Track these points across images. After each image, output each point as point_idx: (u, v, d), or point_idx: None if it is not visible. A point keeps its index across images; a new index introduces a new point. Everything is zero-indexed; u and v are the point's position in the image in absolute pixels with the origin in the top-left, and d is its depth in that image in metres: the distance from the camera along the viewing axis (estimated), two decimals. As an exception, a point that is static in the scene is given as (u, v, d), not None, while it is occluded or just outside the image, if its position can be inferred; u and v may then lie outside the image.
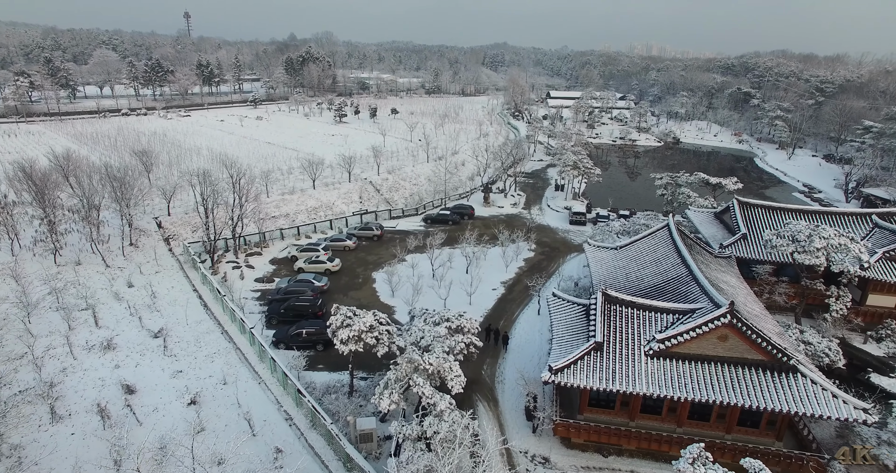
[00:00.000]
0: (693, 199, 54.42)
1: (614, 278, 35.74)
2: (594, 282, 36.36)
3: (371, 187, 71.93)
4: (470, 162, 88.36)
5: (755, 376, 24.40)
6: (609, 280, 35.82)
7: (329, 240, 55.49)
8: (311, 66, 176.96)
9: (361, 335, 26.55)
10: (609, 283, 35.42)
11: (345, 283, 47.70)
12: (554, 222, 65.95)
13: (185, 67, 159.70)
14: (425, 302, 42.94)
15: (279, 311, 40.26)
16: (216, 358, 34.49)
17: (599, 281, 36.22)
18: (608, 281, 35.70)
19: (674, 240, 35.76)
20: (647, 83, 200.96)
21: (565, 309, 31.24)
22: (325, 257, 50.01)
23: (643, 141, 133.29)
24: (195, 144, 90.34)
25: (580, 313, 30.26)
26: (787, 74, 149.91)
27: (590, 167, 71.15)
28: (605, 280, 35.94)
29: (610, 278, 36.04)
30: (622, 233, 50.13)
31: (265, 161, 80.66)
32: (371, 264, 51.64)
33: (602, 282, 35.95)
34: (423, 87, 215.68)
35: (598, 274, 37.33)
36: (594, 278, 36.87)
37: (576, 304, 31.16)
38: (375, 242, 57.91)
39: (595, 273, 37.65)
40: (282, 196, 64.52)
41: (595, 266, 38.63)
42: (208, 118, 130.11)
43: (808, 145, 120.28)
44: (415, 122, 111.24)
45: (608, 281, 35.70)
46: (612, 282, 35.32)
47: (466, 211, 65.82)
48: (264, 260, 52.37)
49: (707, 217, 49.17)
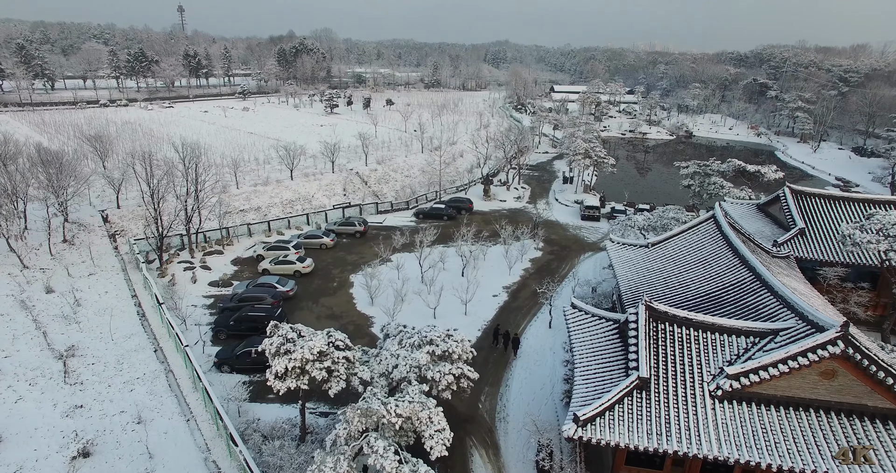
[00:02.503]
0: (727, 189, 46.57)
1: (648, 284, 27.96)
2: (622, 288, 28.59)
3: (357, 179, 64.22)
4: (469, 153, 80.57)
5: (880, 432, 16.60)
6: (641, 286, 28.05)
7: (303, 237, 47.82)
8: (305, 57, 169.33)
9: (306, 365, 18.81)
10: (642, 289, 27.63)
11: (317, 287, 40.01)
12: (563, 217, 58.15)
13: (171, 57, 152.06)
14: (411, 312, 35.27)
15: (228, 323, 32.60)
16: (138, 386, 26.79)
17: (629, 288, 28.42)
18: (641, 287, 27.92)
19: (725, 235, 27.97)
20: (655, 77, 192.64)
21: (590, 326, 23.46)
22: (294, 257, 42.35)
23: (654, 134, 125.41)
24: (168, 134, 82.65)
25: (611, 332, 22.49)
26: (806, 63, 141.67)
27: (603, 157, 63.38)
28: (637, 286, 28.16)
29: (642, 284, 28.27)
30: (647, 229, 42.36)
31: (242, 151, 73.01)
32: (350, 265, 43.94)
33: (633, 288, 28.16)
34: (422, 81, 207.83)
35: (627, 278, 29.54)
36: (622, 284, 29.10)
37: (604, 319, 23.38)
38: (358, 239, 50.24)
39: (622, 277, 29.86)
40: (254, 187, 56.83)
41: (621, 268, 30.85)
42: (192, 110, 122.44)
43: (832, 138, 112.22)
44: (410, 111, 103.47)
45: (641, 287, 27.92)
46: (647, 288, 27.54)
47: (464, 205, 58.08)
48: (225, 260, 44.69)
49: (748, 210, 41.33)
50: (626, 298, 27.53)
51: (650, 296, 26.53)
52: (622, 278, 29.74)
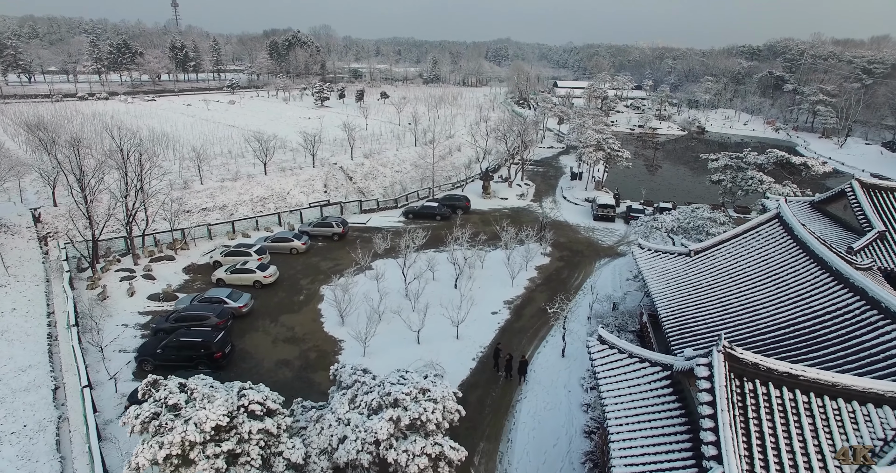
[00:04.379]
0: (767, 184, 39.52)
1: (697, 306, 20.96)
2: (661, 311, 21.60)
3: (341, 174, 57.27)
4: (468, 147, 73.63)
5: None
6: (688, 308, 21.06)
7: (270, 240, 40.90)
8: (298, 51, 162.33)
9: (190, 452, 11.83)
10: (689, 313, 20.66)
11: (279, 302, 33.09)
12: (573, 216, 51.14)
13: (157, 49, 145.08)
14: (389, 335, 28.38)
15: (155, 351, 25.68)
16: (6, 446, 19.87)
17: (670, 310, 21.41)
18: (687, 310, 20.93)
19: (802, 241, 20.95)
20: (663, 72, 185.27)
21: (627, 371, 16.49)
22: (255, 264, 35.43)
23: (664, 130, 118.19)
24: (139, 126, 75.78)
25: (658, 383, 15.51)
26: (825, 55, 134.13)
27: (616, 149, 56.34)
28: (682, 308, 21.17)
29: (688, 305, 21.28)
30: (676, 231, 35.35)
31: (213, 143, 66.26)
32: (323, 274, 37.00)
33: (675, 311, 21.16)
34: (420, 76, 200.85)
35: (665, 296, 22.55)
36: (659, 304, 22.11)
37: (647, 362, 16.39)
38: (336, 242, 43.32)
39: (659, 294, 22.88)
40: (221, 183, 49.90)
41: (657, 283, 23.85)
42: (175, 103, 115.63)
43: (857, 133, 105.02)
44: (405, 104, 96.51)
45: (687, 310, 20.93)
46: (695, 312, 20.55)
47: (460, 203, 51.10)
48: (176, 267, 37.77)
49: (799, 209, 34.25)
50: (667, 324, 20.54)
51: (705, 324, 19.52)
52: (659, 296, 22.75)
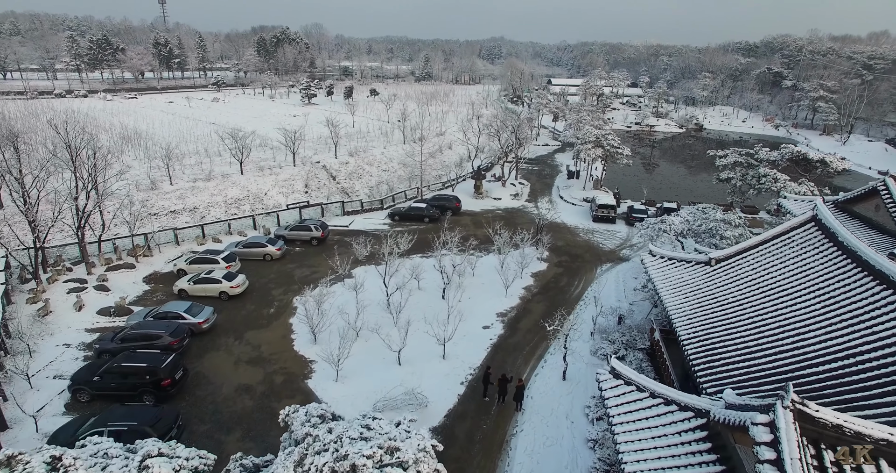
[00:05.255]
0: (783, 183, 36.43)
1: (726, 328, 17.72)
2: (682, 332, 18.35)
3: (324, 173, 53.75)
4: (459, 145, 70.31)
5: None
6: (713, 332, 17.81)
7: (242, 245, 37.39)
8: (286, 47, 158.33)
9: None
10: (715, 337, 17.42)
11: (246, 315, 29.63)
12: (571, 218, 47.91)
13: (140, 46, 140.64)
14: (366, 355, 25.05)
15: (92, 378, 22.15)
16: None
17: (693, 332, 18.18)
18: (712, 333, 17.68)
19: (851, 250, 17.74)
20: (658, 69, 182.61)
21: (647, 415, 13.20)
22: (222, 273, 31.94)
23: (662, 127, 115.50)
24: (113, 123, 71.96)
25: (692, 434, 12.21)
26: (823, 51, 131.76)
27: (616, 146, 53.16)
28: (706, 331, 17.92)
29: (713, 326, 18.04)
30: (686, 234, 32.17)
31: (194, 142, 62.58)
32: (298, 283, 33.55)
33: (699, 335, 17.92)
34: (412, 74, 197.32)
35: (684, 313, 19.32)
36: (679, 324, 18.86)
37: (674, 405, 13.10)
38: (315, 246, 39.93)
39: (676, 310, 19.64)
40: (192, 183, 46.27)
41: (673, 297, 20.61)
42: (157, 101, 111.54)
43: (858, 130, 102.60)
44: (394, 100, 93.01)
45: (712, 333, 17.68)
46: (724, 337, 17.31)
47: (450, 204, 47.75)
48: (136, 277, 34.22)
49: (822, 209, 31.14)
50: (692, 350, 17.26)
51: (738, 351, 16.26)
52: (677, 314, 19.51)
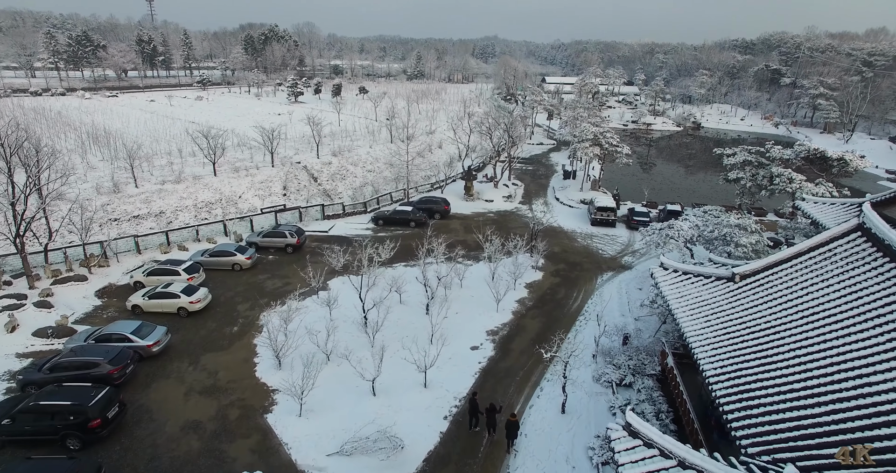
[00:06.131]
0: (799, 183, 33.41)
1: (762, 364, 14.57)
2: (707, 369, 15.19)
3: (304, 174, 50.37)
4: (450, 144, 67.04)
5: None
6: (747, 369, 14.66)
7: (207, 254, 33.99)
8: (275, 45, 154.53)
9: None
10: (749, 376, 14.28)
11: (206, 335, 26.27)
12: (568, 221, 44.77)
13: (123, 43, 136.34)
14: (336, 383, 21.83)
15: (1, 421, 18.70)
16: None
17: (721, 369, 15.05)
18: (745, 370, 14.53)
19: (908, 266, 14.66)
20: (654, 67, 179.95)
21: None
22: (181, 286, 28.56)
23: (659, 125, 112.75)
24: (84, 121, 68.22)
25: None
26: (822, 48, 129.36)
27: (615, 144, 50.09)
28: (736, 366, 14.77)
29: (746, 361, 14.89)
30: (696, 240, 29.09)
31: (167, 142, 59.03)
32: (268, 296, 30.21)
33: (727, 370, 14.79)
34: (404, 72, 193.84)
35: (707, 342, 16.18)
36: (702, 357, 15.70)
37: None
38: (290, 254, 36.59)
39: (697, 337, 16.50)
40: (160, 186, 42.78)
41: (691, 320, 17.47)
42: (138, 99, 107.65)
43: (859, 128, 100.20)
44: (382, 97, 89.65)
45: (745, 370, 14.53)
46: (760, 375, 14.16)
47: (438, 207, 44.51)
48: (87, 291, 30.78)
49: (846, 212, 28.09)
50: (722, 393, 14.09)
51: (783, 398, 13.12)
52: (698, 342, 16.37)
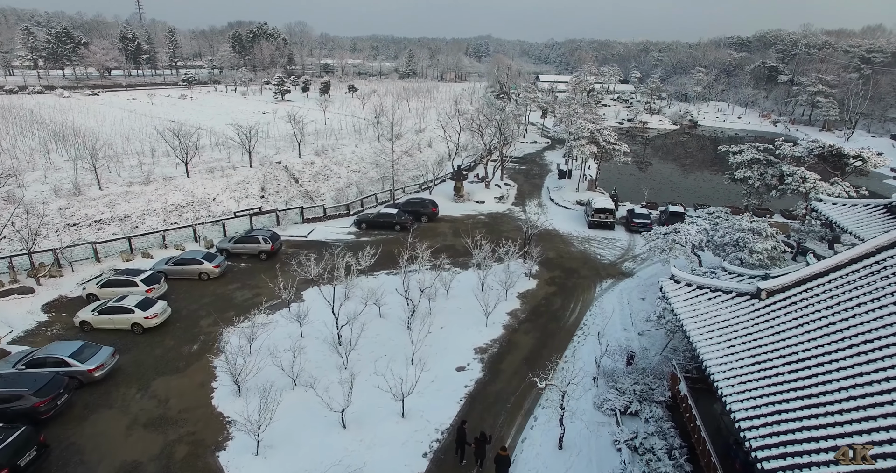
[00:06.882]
0: (812, 182, 31.00)
1: (801, 398, 11.93)
2: (739, 414, 12.50)
3: (284, 175, 47.50)
4: (439, 143, 64.26)
5: None
6: (780, 404, 12.00)
7: (172, 262, 31.10)
8: (263, 43, 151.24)
9: None
10: (784, 413, 11.60)
11: (161, 355, 23.41)
12: (563, 224, 42.14)
13: (105, 40, 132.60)
14: (302, 413, 19.07)
15: None
16: None
17: (749, 404, 12.38)
18: (778, 406, 11.86)
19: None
20: (649, 65, 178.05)
21: None
22: (136, 299, 25.69)
23: (656, 123, 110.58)
24: (55, 120, 64.98)
25: None
26: (819, 45, 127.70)
27: (613, 142, 47.57)
28: (768, 400, 12.11)
29: (780, 394, 12.24)
30: (704, 246, 26.52)
31: (139, 141, 55.99)
32: (234, 309, 27.32)
33: (757, 405, 12.11)
34: (396, 71, 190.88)
35: (731, 372, 13.57)
36: (728, 396, 13.04)
37: None
38: (264, 261, 33.75)
39: (718, 367, 13.88)
40: (127, 188, 39.78)
41: (710, 345, 14.82)
42: (120, 98, 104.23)
43: (860, 125, 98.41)
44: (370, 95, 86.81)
45: (778, 406, 11.86)
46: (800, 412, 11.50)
47: (425, 209, 41.78)
48: (34, 304, 27.91)
49: (868, 214, 25.65)
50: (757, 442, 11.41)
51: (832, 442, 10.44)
52: (722, 374, 13.73)
